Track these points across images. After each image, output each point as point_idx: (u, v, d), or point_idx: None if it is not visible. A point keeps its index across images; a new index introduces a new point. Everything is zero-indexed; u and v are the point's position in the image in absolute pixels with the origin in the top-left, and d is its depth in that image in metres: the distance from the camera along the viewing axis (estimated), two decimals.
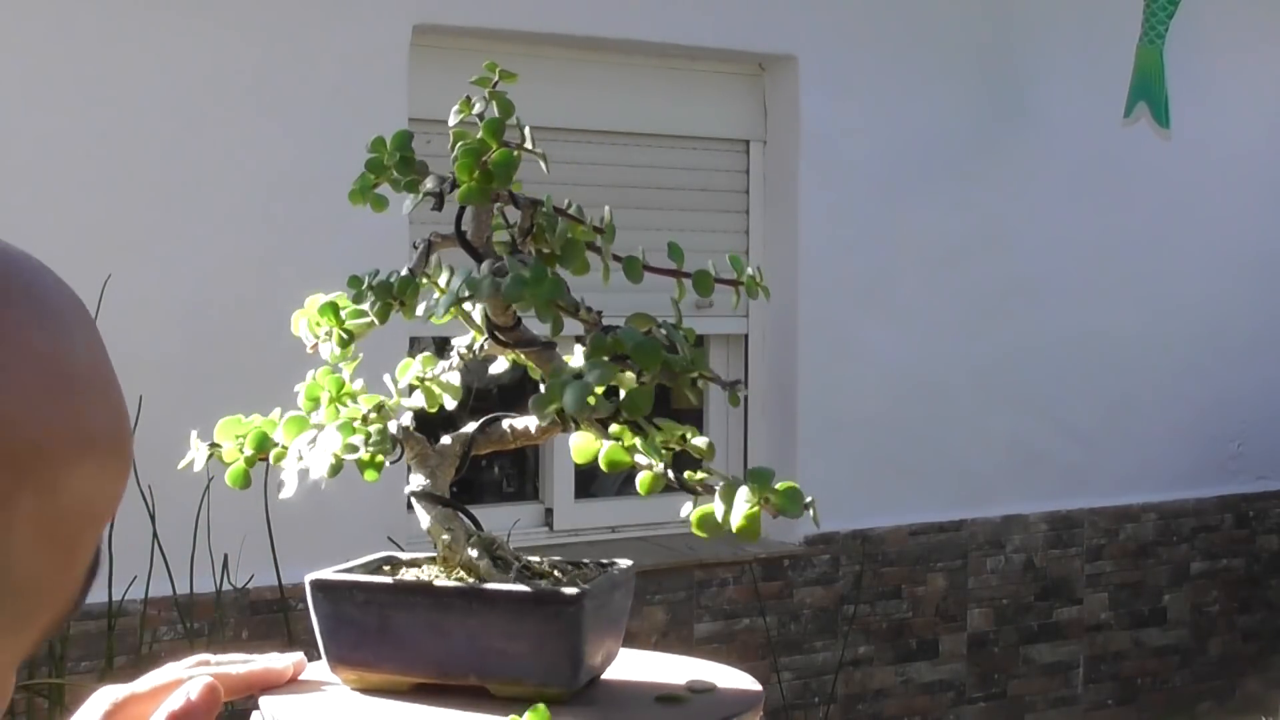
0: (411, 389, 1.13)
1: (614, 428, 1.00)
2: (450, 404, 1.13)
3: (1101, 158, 5.19)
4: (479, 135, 1.07)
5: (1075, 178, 5.15)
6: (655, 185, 4.57)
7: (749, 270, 1.10)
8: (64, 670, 3.38)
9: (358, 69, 3.98)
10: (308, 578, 1.03)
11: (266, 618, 3.85)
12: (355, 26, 3.99)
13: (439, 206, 1.09)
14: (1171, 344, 5.40)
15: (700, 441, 1.01)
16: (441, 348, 1.16)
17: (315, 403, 1.08)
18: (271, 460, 1.06)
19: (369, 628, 1.01)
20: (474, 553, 1.04)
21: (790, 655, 4.67)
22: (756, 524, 0.94)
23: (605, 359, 0.98)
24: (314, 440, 1.04)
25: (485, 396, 4.42)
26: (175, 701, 0.95)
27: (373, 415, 1.08)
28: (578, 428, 1.03)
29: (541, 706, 0.91)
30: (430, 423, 1.13)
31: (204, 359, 3.77)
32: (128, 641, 3.56)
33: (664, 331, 1.01)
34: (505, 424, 1.09)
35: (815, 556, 4.72)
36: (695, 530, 0.96)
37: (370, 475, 1.05)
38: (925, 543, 4.94)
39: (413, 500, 1.06)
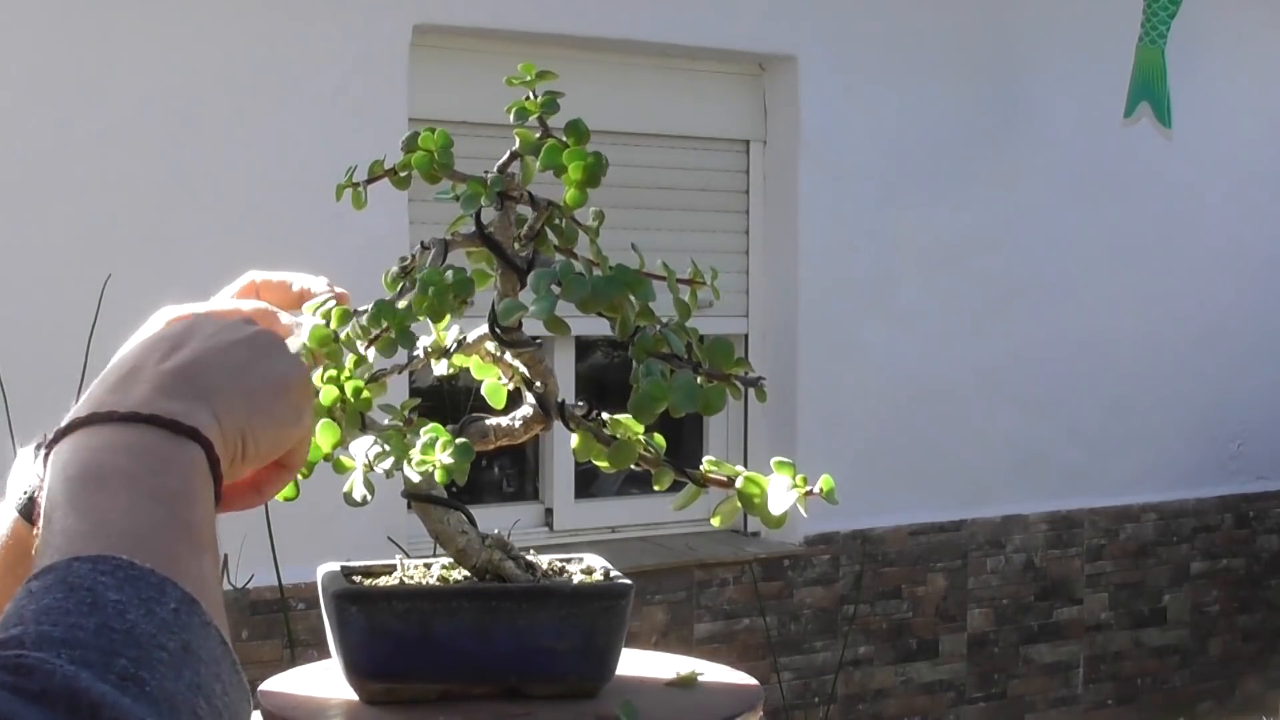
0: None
1: (623, 423, 1.01)
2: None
3: (1102, 158, 5.19)
4: (539, 136, 1.06)
5: (1076, 178, 5.15)
6: (655, 185, 4.57)
7: (704, 273, 1.10)
8: None
9: (358, 69, 3.98)
10: (333, 590, 1.00)
11: (266, 618, 3.85)
12: (355, 26, 3.99)
13: (502, 208, 1.08)
14: (1172, 344, 5.40)
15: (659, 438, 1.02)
16: None
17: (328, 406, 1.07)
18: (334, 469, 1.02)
19: (408, 637, 0.98)
20: (497, 554, 1.03)
21: (790, 655, 4.67)
22: (787, 512, 0.97)
23: (650, 356, 0.98)
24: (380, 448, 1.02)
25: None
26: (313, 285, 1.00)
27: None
28: (566, 426, 1.04)
29: (628, 701, 0.92)
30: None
31: None
32: None
33: (664, 331, 1.01)
34: (487, 423, 1.09)
35: (815, 556, 4.72)
36: (718, 522, 0.97)
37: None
38: (925, 543, 4.94)
39: (413, 503, 1.06)
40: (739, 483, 1.00)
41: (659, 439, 1.03)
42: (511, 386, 1.09)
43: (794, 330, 4.68)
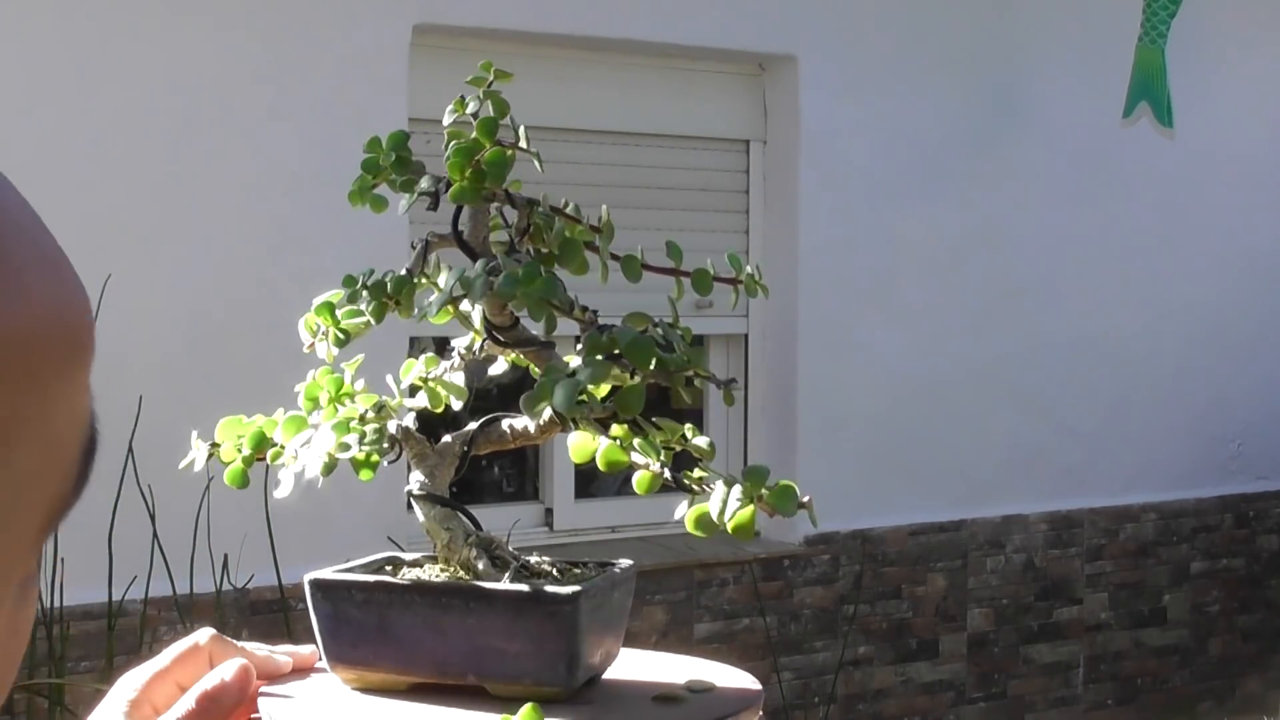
0: (414, 389, 1.13)
1: (615, 428, 1.00)
2: (456, 404, 1.13)
3: (1101, 158, 5.19)
4: (473, 135, 1.07)
5: (1075, 178, 5.15)
6: (655, 185, 4.57)
7: (748, 269, 1.10)
8: (64, 670, 3.38)
9: (358, 69, 3.98)
10: (306, 577, 1.03)
11: (266, 617, 3.85)
12: (355, 26, 3.99)
13: (434, 206, 1.09)
14: (1171, 344, 5.41)
15: (701, 441, 1.01)
16: (442, 348, 1.16)
17: (314, 403, 1.09)
18: (269, 460, 1.06)
19: (368, 627, 1.01)
20: (472, 552, 1.04)
21: (790, 655, 4.67)
22: (751, 523, 0.93)
23: (599, 357, 0.98)
24: (309, 440, 1.04)
25: (486, 396, 4.42)
26: (209, 682, 0.95)
27: (370, 415, 1.08)
28: (577, 427, 1.03)
29: (531, 706, 0.91)
30: (431, 423, 1.13)
31: (204, 359, 3.77)
32: (128, 641, 3.56)
33: (660, 330, 1.01)
34: (505, 424, 1.09)
35: (815, 556, 4.73)
36: (691, 529, 0.96)
37: (365, 475, 1.05)
38: (925, 543, 4.94)
39: (412, 500, 1.06)
40: (713, 491, 0.98)
41: (698, 444, 1.01)
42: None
43: (794, 330, 4.68)
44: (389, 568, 1.08)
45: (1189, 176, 5.39)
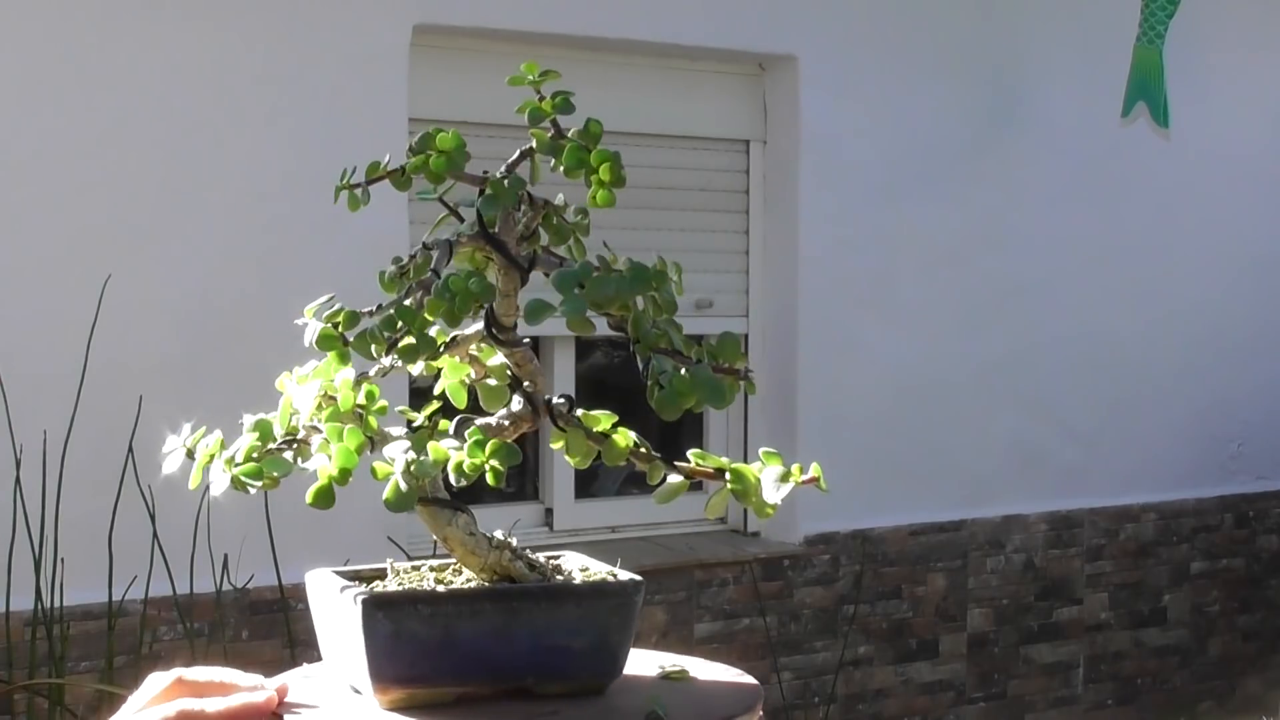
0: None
1: (618, 436, 1.01)
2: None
3: (1101, 158, 5.19)
4: (551, 136, 1.06)
5: (1074, 178, 5.15)
6: (655, 185, 4.57)
7: (670, 271, 1.10)
8: (64, 670, 3.38)
9: (358, 69, 3.98)
10: (360, 598, 0.98)
11: (266, 618, 3.85)
12: (355, 26, 3.99)
13: (518, 209, 1.08)
14: (1171, 344, 5.41)
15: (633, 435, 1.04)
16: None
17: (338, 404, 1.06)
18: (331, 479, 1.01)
19: (430, 642, 0.98)
20: (507, 555, 1.04)
21: (790, 655, 4.67)
22: (777, 503, 0.98)
23: (654, 352, 0.99)
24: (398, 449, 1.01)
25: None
26: (170, 709, 0.94)
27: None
28: (555, 425, 1.04)
29: (657, 696, 0.93)
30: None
31: (204, 359, 3.77)
32: (128, 641, 3.56)
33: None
34: (477, 423, 1.09)
35: (815, 556, 4.73)
36: (709, 514, 0.99)
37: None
38: (925, 543, 4.94)
39: (418, 507, 1.05)
40: (729, 474, 1.00)
41: (624, 434, 1.04)
42: (494, 384, 1.09)
43: (794, 330, 4.68)
44: (377, 580, 1.07)
45: (1187, 177, 5.39)
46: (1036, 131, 5.05)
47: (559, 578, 1.04)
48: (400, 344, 1.02)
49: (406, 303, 1.04)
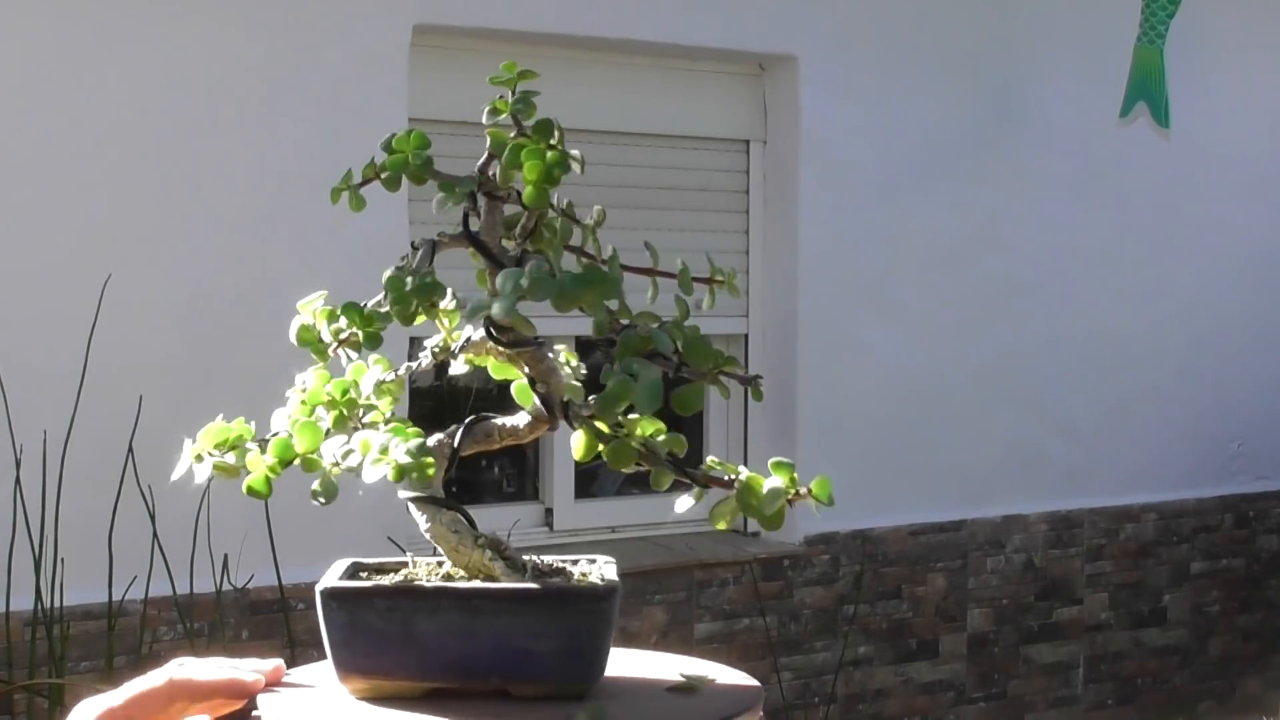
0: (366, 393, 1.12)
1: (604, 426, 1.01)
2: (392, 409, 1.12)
3: (1101, 158, 5.19)
4: (514, 135, 1.07)
5: (1075, 178, 5.15)
6: (655, 185, 4.57)
7: (722, 272, 1.10)
8: (64, 670, 3.38)
9: (358, 69, 3.98)
10: (318, 587, 1.01)
11: (266, 618, 3.85)
12: (355, 26, 3.99)
13: (474, 210, 1.08)
14: (1171, 344, 5.41)
15: (675, 436, 1.03)
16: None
17: (310, 408, 1.08)
18: (304, 469, 1.04)
19: (390, 635, 0.99)
20: (486, 554, 1.04)
21: (790, 655, 4.67)
22: (783, 513, 0.97)
23: (638, 357, 0.99)
24: (351, 449, 1.03)
25: (486, 396, 4.42)
26: None
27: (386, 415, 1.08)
28: (571, 425, 1.04)
29: (595, 704, 0.92)
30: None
31: (204, 359, 3.77)
32: (128, 641, 3.56)
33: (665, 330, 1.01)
34: (492, 423, 1.09)
35: (815, 556, 4.73)
36: (714, 522, 0.98)
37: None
38: (925, 543, 4.94)
39: (412, 504, 1.06)
40: (739, 484, 1.00)
41: (678, 439, 1.03)
42: (521, 383, 1.10)
43: (794, 330, 4.68)
44: (364, 574, 1.07)
45: (1188, 176, 5.39)
46: (1036, 131, 5.05)
47: (554, 580, 1.04)
48: (348, 340, 1.06)
49: (370, 303, 1.07)
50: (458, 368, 1.08)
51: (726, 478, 1.01)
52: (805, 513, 0.99)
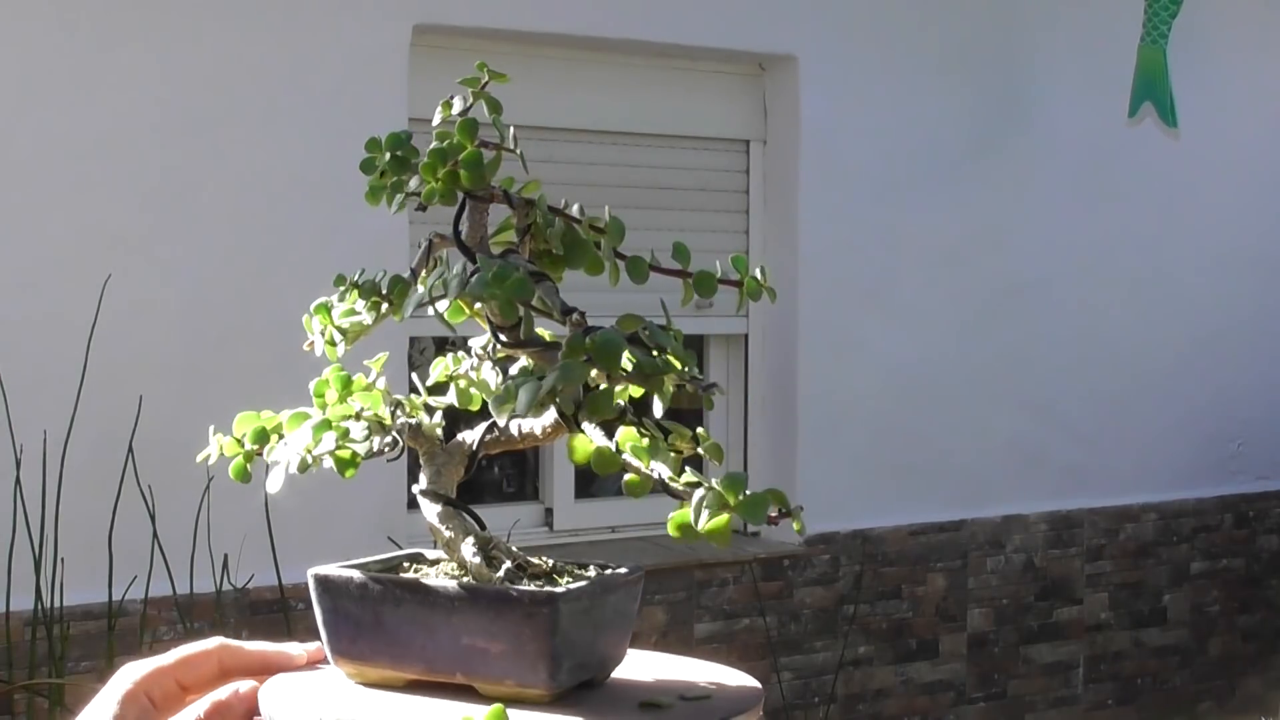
0: (442, 387, 1.14)
1: (624, 431, 1.00)
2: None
3: (1102, 158, 5.19)
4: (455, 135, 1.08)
5: (1076, 178, 5.15)
6: (655, 185, 4.57)
7: (755, 272, 1.09)
8: (64, 670, 3.38)
9: (358, 69, 3.98)
10: (310, 571, 1.04)
11: (266, 618, 3.85)
12: (355, 26, 3.99)
13: (423, 207, 1.09)
14: (1172, 344, 5.41)
15: (711, 445, 1.01)
16: (441, 348, 1.17)
17: (324, 399, 1.10)
18: (265, 455, 1.07)
19: (365, 622, 1.02)
20: (470, 551, 1.04)
21: (790, 655, 4.67)
22: (724, 530, 0.92)
23: (582, 359, 0.98)
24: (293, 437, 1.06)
25: None
26: (223, 692, 0.99)
27: (368, 412, 1.08)
28: (577, 429, 1.03)
29: (499, 708, 0.91)
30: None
31: (204, 359, 3.77)
32: (128, 641, 3.56)
33: (648, 332, 1.00)
34: (513, 425, 1.09)
35: (815, 556, 4.73)
36: (672, 534, 0.95)
37: (348, 473, 1.06)
38: (925, 543, 4.94)
39: (419, 497, 1.07)
40: (696, 495, 0.96)
41: (715, 445, 1.02)
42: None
43: (794, 330, 4.68)
44: (417, 566, 1.09)
45: (1190, 177, 5.39)
46: (1037, 131, 5.05)
47: (535, 583, 1.03)
48: (326, 336, 1.10)
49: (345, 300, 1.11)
50: (516, 368, 1.10)
51: (683, 488, 0.98)
52: (805, 512, 0.97)
